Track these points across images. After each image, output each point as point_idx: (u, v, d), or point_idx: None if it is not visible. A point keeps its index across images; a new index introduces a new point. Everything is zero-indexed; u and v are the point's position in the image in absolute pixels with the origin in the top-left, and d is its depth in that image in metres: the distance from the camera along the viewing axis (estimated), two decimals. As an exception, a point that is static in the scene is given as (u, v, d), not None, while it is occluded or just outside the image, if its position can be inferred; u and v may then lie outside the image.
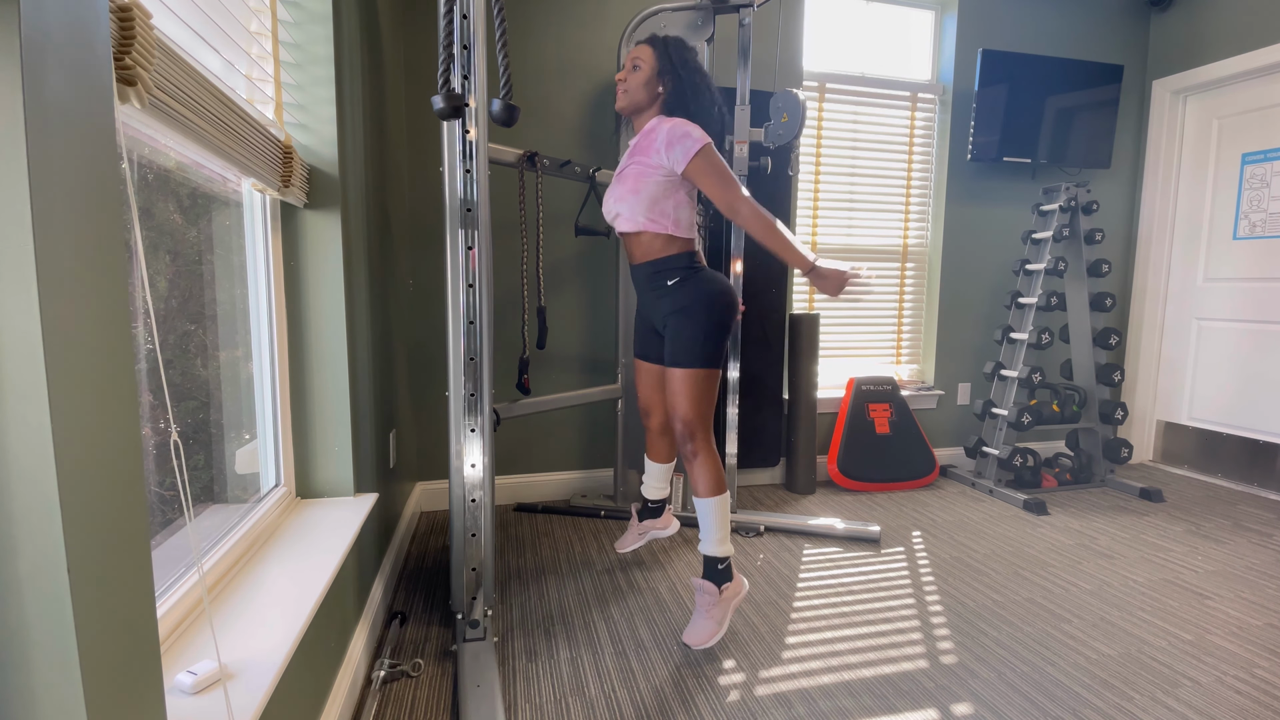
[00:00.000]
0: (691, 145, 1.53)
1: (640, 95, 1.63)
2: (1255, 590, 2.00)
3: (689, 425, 1.61)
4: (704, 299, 1.61)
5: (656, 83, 1.61)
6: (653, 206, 1.61)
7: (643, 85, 1.62)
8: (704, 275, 1.66)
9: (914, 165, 3.17)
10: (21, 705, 0.49)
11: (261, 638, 0.92)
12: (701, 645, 1.56)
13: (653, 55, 1.62)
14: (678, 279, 1.64)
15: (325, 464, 1.46)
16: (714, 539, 1.62)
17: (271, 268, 1.33)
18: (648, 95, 1.63)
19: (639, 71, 1.62)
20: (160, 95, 0.75)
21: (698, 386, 1.60)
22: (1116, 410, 2.92)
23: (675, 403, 1.62)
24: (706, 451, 1.62)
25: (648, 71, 1.61)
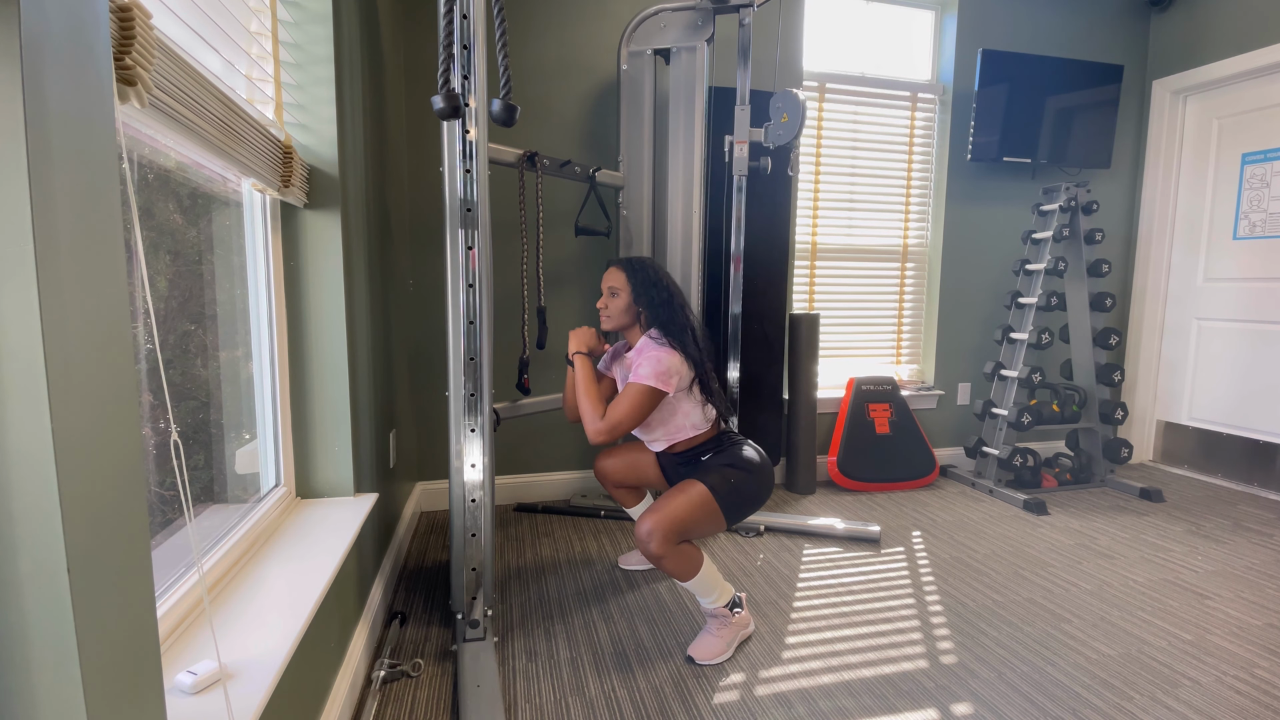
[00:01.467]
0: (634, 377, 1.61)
1: (624, 319, 1.76)
2: (1255, 590, 2.00)
3: (661, 529, 1.51)
4: (752, 465, 1.65)
5: (634, 307, 1.74)
6: (666, 429, 1.73)
7: (623, 311, 1.75)
8: (748, 446, 1.71)
9: (914, 165, 3.17)
10: (21, 705, 0.49)
11: (261, 638, 0.92)
12: (706, 661, 1.58)
13: (626, 282, 1.74)
14: (711, 453, 1.71)
15: (325, 464, 1.46)
16: (711, 599, 1.62)
17: (271, 268, 1.33)
18: (630, 317, 1.76)
19: (617, 298, 1.75)
20: (160, 95, 0.75)
21: (704, 509, 1.57)
22: (1116, 410, 2.92)
23: (672, 501, 1.55)
24: (669, 552, 1.54)
25: (625, 298, 1.74)
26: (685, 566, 1.57)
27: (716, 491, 1.58)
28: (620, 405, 1.59)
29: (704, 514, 1.57)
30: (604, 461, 1.98)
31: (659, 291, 1.72)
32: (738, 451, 1.68)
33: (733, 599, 1.65)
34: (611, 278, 1.76)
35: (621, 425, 1.58)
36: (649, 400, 1.59)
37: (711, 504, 1.57)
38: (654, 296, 1.71)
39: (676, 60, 2.27)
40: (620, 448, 1.98)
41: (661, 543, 1.52)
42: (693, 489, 1.58)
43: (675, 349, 1.64)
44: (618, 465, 1.96)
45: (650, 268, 1.75)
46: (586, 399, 1.63)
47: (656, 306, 1.71)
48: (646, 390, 1.59)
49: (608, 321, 1.77)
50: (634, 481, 1.96)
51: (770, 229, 2.75)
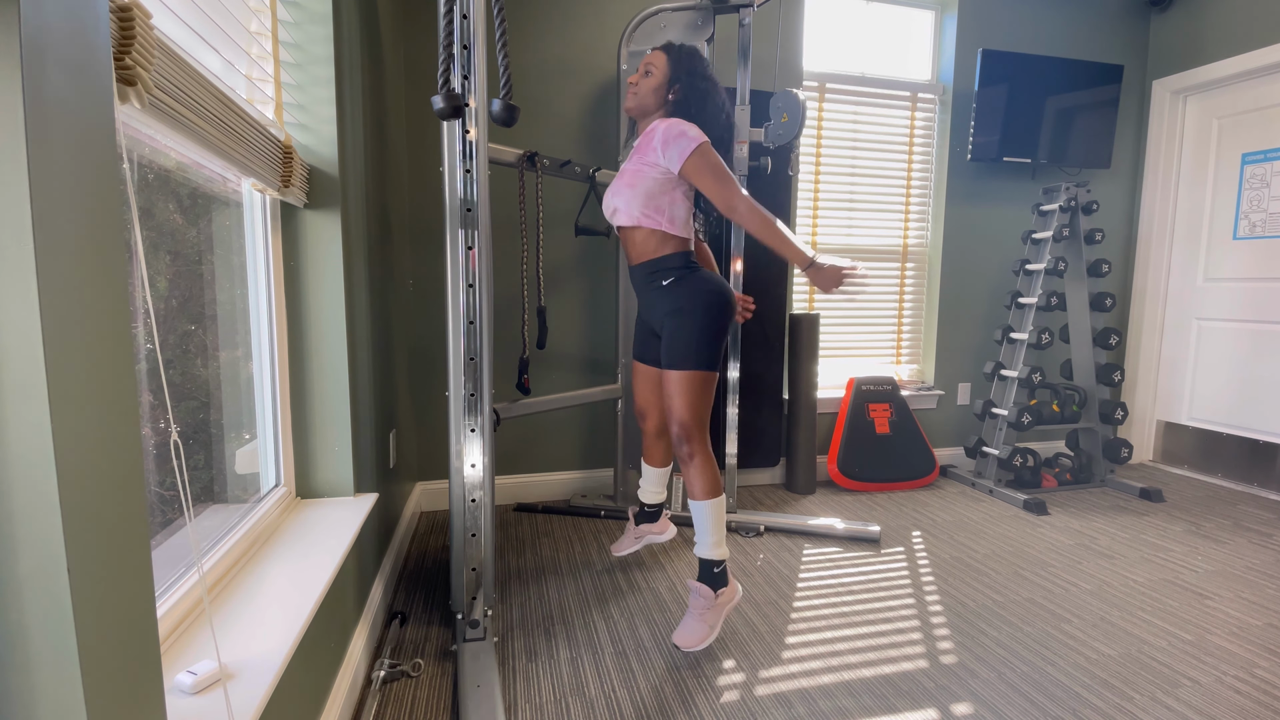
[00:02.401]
0: (687, 144, 1.54)
1: (649, 100, 1.65)
2: (1255, 590, 2.00)
3: (685, 428, 1.61)
4: (700, 300, 1.61)
5: (666, 89, 1.64)
6: (648, 202, 1.63)
7: (652, 91, 1.65)
8: (700, 275, 1.66)
9: (914, 165, 3.17)
10: (21, 705, 0.49)
11: (261, 638, 0.92)
12: (692, 648, 1.56)
13: (666, 63, 1.64)
14: (673, 279, 1.65)
15: (325, 464, 1.46)
16: (710, 541, 1.62)
17: (271, 268, 1.33)
18: (656, 100, 1.65)
19: (650, 77, 1.65)
20: (160, 95, 0.75)
21: (694, 388, 1.60)
22: (1116, 410, 2.92)
23: (671, 405, 1.62)
24: (703, 454, 1.62)
25: (659, 78, 1.64)
26: (710, 482, 1.61)
27: (685, 363, 1.59)
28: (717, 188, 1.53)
29: (695, 387, 1.60)
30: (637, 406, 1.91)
31: (700, 83, 1.61)
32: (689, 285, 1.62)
33: (723, 565, 1.63)
34: (651, 56, 1.65)
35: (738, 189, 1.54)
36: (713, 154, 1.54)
37: (689, 377, 1.60)
38: (694, 86, 1.60)
39: (676, 60, 2.27)
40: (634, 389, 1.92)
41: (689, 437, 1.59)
42: (670, 383, 1.61)
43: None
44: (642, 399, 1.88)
45: (698, 59, 1.64)
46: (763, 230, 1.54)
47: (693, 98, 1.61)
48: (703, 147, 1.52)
49: (632, 99, 1.67)
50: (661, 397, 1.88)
51: (770, 229, 2.75)
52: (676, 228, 1.65)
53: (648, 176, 1.61)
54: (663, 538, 2.02)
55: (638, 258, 1.70)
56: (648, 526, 2.02)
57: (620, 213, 1.68)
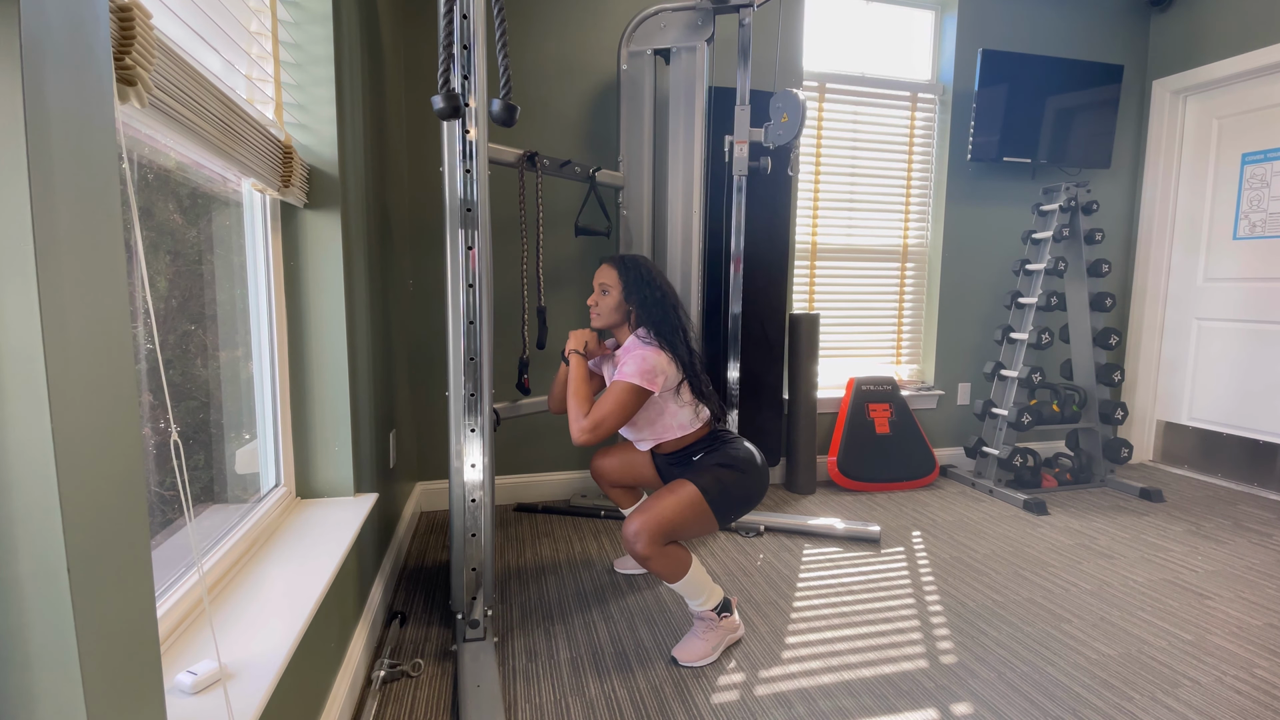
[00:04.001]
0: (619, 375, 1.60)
1: (613, 316, 1.75)
2: (1255, 590, 2.00)
3: (649, 529, 1.50)
4: (745, 463, 1.64)
5: (625, 305, 1.73)
6: (651, 429, 1.72)
7: (614, 309, 1.74)
8: (741, 444, 1.70)
9: (914, 165, 3.17)
10: (21, 705, 0.49)
11: (261, 638, 0.92)
12: (690, 663, 1.57)
13: (618, 279, 1.73)
14: (702, 453, 1.70)
15: (325, 464, 1.46)
16: (699, 601, 1.61)
17: (271, 268, 1.33)
18: (620, 315, 1.75)
19: (608, 295, 1.74)
20: (160, 95, 0.75)
21: (694, 510, 1.55)
22: (1116, 410, 2.92)
23: (661, 502, 1.54)
24: (656, 553, 1.52)
25: (616, 295, 1.73)
26: (673, 568, 1.55)
27: (707, 492, 1.57)
28: (604, 404, 1.57)
29: (694, 515, 1.55)
30: (599, 461, 1.97)
31: (651, 290, 1.71)
32: (731, 450, 1.66)
33: (723, 602, 1.64)
34: (603, 274, 1.75)
35: (605, 423, 1.56)
36: (633, 399, 1.58)
37: (702, 504, 1.56)
38: (645, 296, 1.70)
39: (676, 60, 2.27)
40: (616, 447, 1.98)
41: (649, 543, 1.51)
42: (683, 489, 1.57)
43: (663, 349, 1.64)
44: (613, 464, 1.95)
45: (643, 266, 1.74)
46: (575, 397, 1.62)
47: (648, 306, 1.69)
48: (631, 388, 1.57)
49: (597, 319, 1.76)
50: (630, 481, 1.95)
51: (770, 229, 2.75)
52: (688, 428, 1.71)
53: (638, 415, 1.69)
54: None
55: (665, 450, 1.77)
56: None
57: (639, 443, 1.79)
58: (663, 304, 1.70)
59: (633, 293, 1.71)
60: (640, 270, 1.73)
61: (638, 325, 1.72)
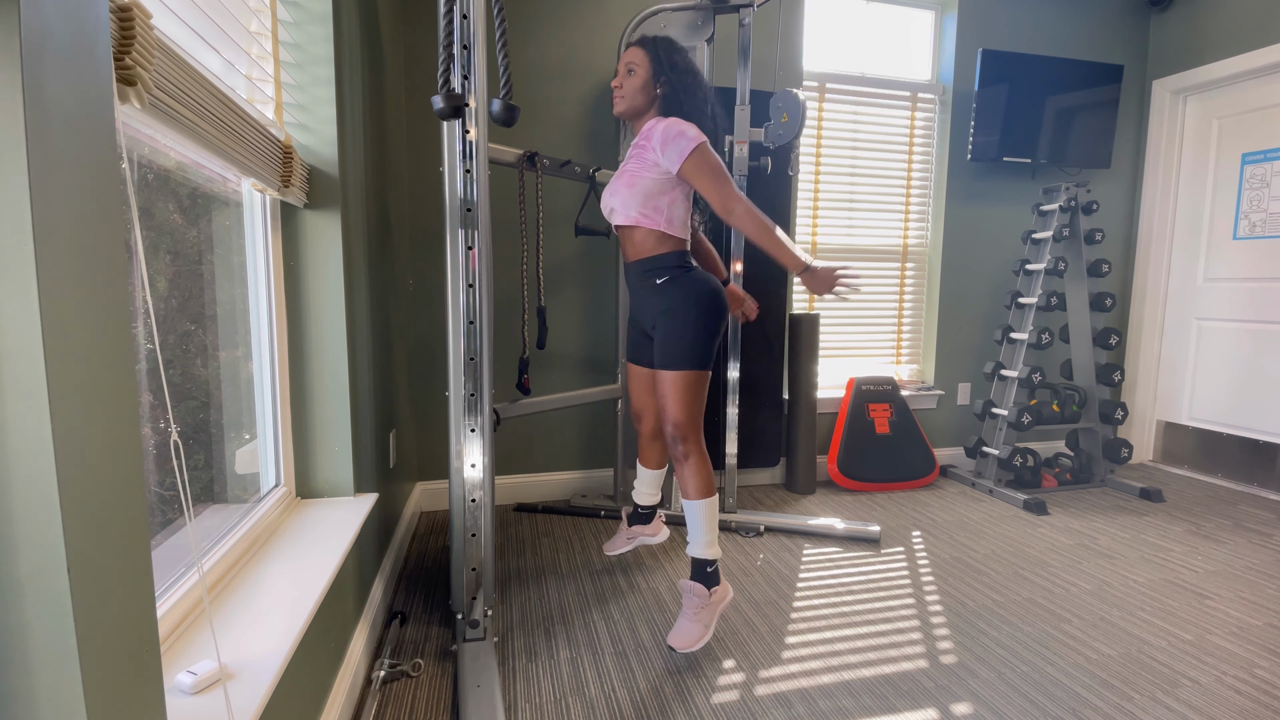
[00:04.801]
0: (686, 145, 1.54)
1: (638, 100, 1.64)
2: (1255, 590, 2.00)
3: (679, 428, 1.61)
4: (693, 299, 1.61)
5: (653, 86, 1.63)
6: (646, 201, 1.62)
7: (639, 90, 1.63)
8: (694, 275, 1.65)
9: (914, 165, 3.17)
10: (21, 705, 0.49)
11: (261, 638, 0.92)
12: (687, 648, 1.56)
13: (646, 58, 1.63)
14: (667, 278, 1.64)
15: (325, 464, 1.46)
16: (703, 541, 1.62)
17: (271, 268, 1.33)
18: (645, 99, 1.64)
19: (634, 76, 1.63)
20: (160, 95, 0.75)
21: (687, 388, 1.60)
22: (1116, 410, 2.92)
23: (665, 405, 1.62)
24: (697, 454, 1.62)
25: (643, 75, 1.62)
26: (704, 482, 1.62)
27: (679, 363, 1.59)
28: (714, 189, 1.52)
29: (688, 388, 1.60)
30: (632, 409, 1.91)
31: (683, 76, 1.60)
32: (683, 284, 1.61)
33: (715, 564, 1.64)
34: (630, 54, 1.63)
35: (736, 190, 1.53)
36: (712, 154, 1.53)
37: (682, 377, 1.59)
38: (677, 80, 1.59)
39: (676, 60, 2.27)
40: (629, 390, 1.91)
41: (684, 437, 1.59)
42: (663, 384, 1.61)
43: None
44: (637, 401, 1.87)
45: (677, 50, 1.62)
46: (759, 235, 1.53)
47: (679, 91, 1.59)
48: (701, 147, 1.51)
49: (621, 102, 1.65)
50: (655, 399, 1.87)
51: (770, 229, 2.75)
52: (674, 228, 1.65)
53: (646, 176, 1.61)
54: (655, 539, 2.01)
55: (634, 255, 1.69)
56: (640, 528, 2.02)
57: (618, 212, 1.67)
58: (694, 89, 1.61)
59: (662, 72, 1.60)
60: (673, 53, 1.62)
61: (665, 113, 1.62)
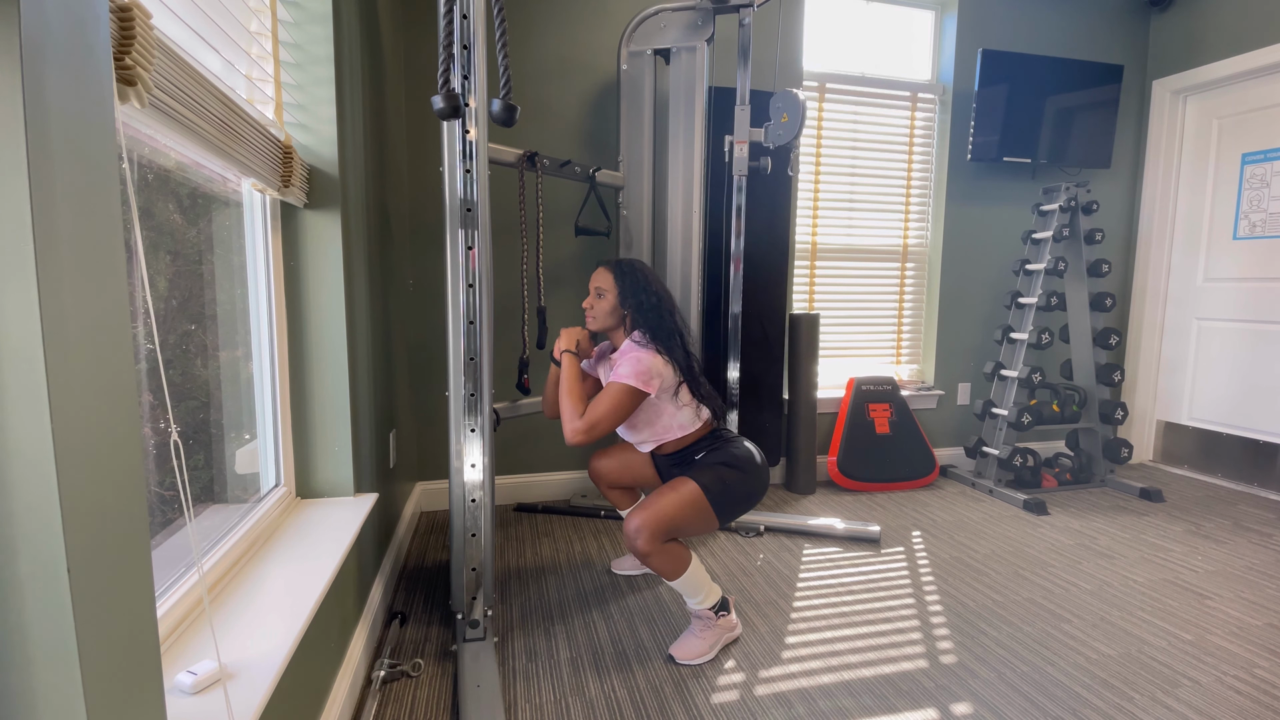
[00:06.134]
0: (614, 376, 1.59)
1: (609, 320, 1.74)
2: (1255, 590, 2.00)
3: (649, 526, 1.51)
4: (745, 462, 1.64)
5: (620, 309, 1.72)
6: (650, 430, 1.72)
7: (608, 313, 1.73)
8: (741, 444, 1.70)
9: (914, 165, 3.17)
10: (21, 705, 0.49)
11: (261, 638, 0.92)
12: (687, 661, 1.57)
13: (614, 284, 1.72)
14: (704, 452, 1.69)
15: (325, 464, 1.46)
16: (697, 600, 1.61)
17: (271, 268, 1.33)
18: (614, 320, 1.74)
19: (604, 299, 1.73)
20: (160, 95, 0.75)
21: (694, 507, 1.55)
22: (1116, 410, 2.92)
23: (662, 499, 1.54)
24: (656, 549, 1.54)
25: (611, 299, 1.72)
26: (672, 565, 1.56)
27: (708, 490, 1.57)
28: (600, 404, 1.56)
29: (694, 512, 1.56)
30: (598, 462, 1.96)
31: (647, 296, 1.69)
32: (732, 449, 1.66)
33: (720, 601, 1.64)
34: (599, 278, 1.74)
35: (600, 425, 1.55)
36: (629, 400, 1.57)
37: (702, 502, 1.56)
38: (642, 300, 1.69)
39: (676, 60, 2.27)
40: (614, 448, 1.97)
41: (649, 540, 1.51)
42: (684, 487, 1.57)
43: (659, 352, 1.63)
44: (611, 465, 1.94)
45: (640, 271, 1.73)
46: (568, 397, 1.61)
47: (644, 311, 1.68)
48: (626, 389, 1.56)
49: (593, 322, 1.75)
50: (628, 482, 1.94)
51: (770, 229, 2.75)
52: (686, 429, 1.70)
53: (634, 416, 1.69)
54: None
55: (666, 451, 1.77)
56: None
57: (639, 445, 1.79)
58: (659, 308, 1.69)
59: (628, 297, 1.70)
60: (636, 274, 1.72)
61: (633, 329, 1.71)
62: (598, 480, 1.97)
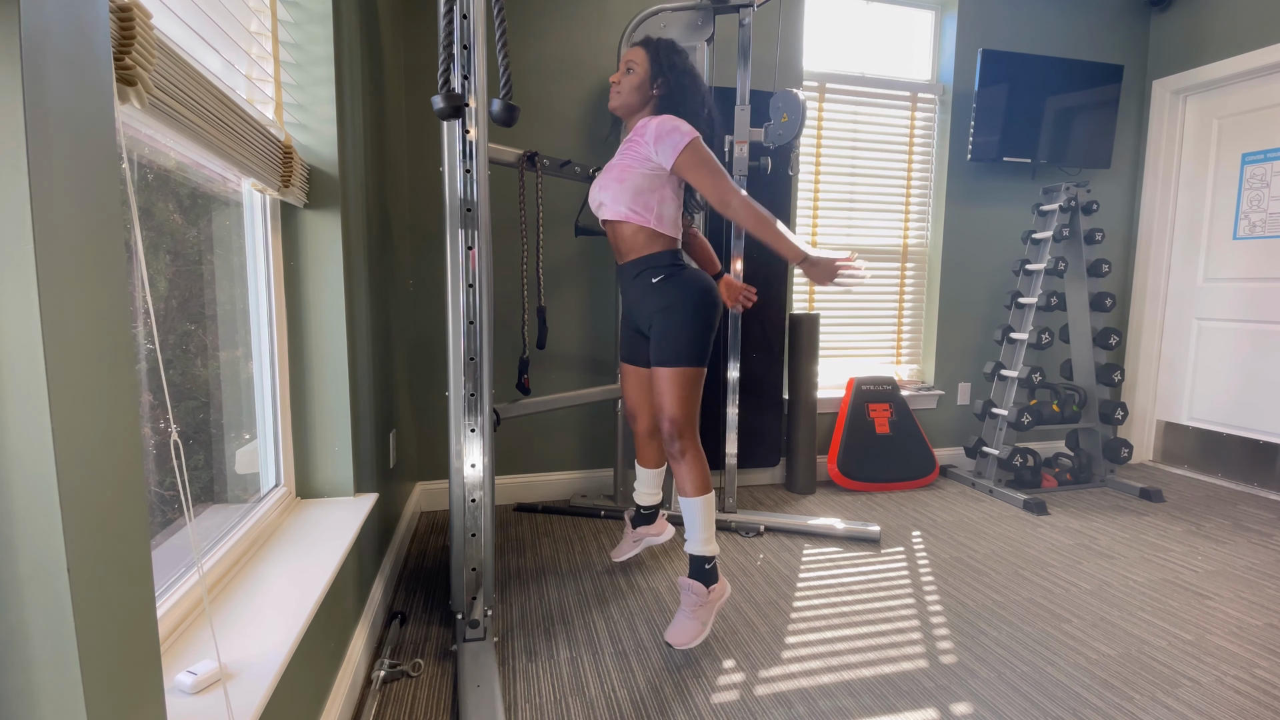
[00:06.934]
0: (679, 140, 1.53)
1: (633, 97, 1.64)
2: (1255, 590, 2.00)
3: (676, 424, 1.61)
4: (688, 297, 1.61)
5: (649, 85, 1.63)
6: (636, 197, 1.62)
7: (635, 88, 1.64)
8: (688, 274, 1.65)
9: (914, 165, 3.17)
10: (21, 705, 0.49)
11: (261, 638, 0.92)
12: (685, 645, 1.56)
13: (646, 58, 1.63)
14: (662, 276, 1.65)
15: (325, 464, 1.46)
16: (701, 538, 1.62)
17: (271, 268, 1.33)
18: (640, 97, 1.65)
19: (632, 74, 1.64)
20: (160, 95, 0.75)
21: (684, 385, 1.61)
22: (1116, 410, 2.92)
23: (661, 402, 1.62)
24: (693, 451, 1.62)
25: (641, 74, 1.63)
26: (701, 479, 1.62)
27: (676, 360, 1.59)
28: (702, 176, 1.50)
29: (685, 385, 1.60)
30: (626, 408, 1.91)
31: (681, 77, 1.60)
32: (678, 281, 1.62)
33: (713, 561, 1.64)
34: (630, 53, 1.64)
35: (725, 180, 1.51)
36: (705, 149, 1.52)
37: (679, 374, 1.60)
38: (675, 80, 1.59)
39: (676, 60, 2.27)
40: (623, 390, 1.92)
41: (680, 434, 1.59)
42: (660, 380, 1.61)
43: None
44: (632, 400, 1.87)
45: (677, 52, 1.63)
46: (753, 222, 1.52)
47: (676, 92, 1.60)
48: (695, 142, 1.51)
49: (616, 97, 1.66)
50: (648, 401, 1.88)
51: (770, 229, 2.75)
52: (665, 225, 1.64)
53: (636, 172, 1.60)
54: (661, 539, 2.01)
55: (626, 254, 1.70)
56: (645, 529, 2.02)
57: (606, 206, 1.67)
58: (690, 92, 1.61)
59: (660, 73, 1.61)
60: (674, 55, 1.63)
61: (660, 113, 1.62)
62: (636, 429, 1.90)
